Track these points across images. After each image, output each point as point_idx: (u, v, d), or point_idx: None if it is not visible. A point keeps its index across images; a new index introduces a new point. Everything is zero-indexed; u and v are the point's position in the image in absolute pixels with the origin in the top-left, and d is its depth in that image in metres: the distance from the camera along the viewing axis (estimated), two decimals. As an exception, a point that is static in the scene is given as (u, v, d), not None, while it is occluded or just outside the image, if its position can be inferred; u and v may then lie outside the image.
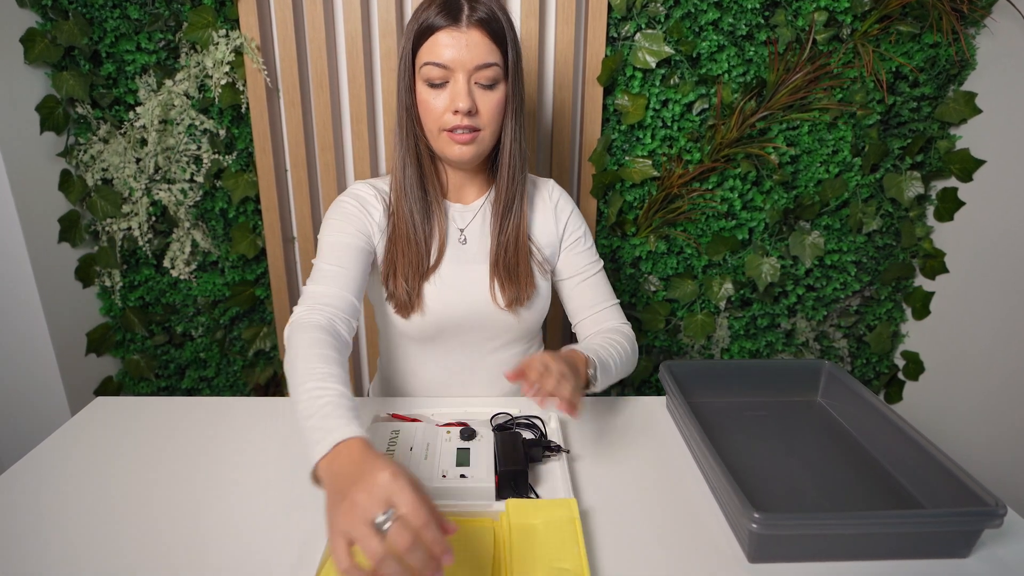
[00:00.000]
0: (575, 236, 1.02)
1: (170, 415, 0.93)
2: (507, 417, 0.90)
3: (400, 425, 0.85)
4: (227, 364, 1.61)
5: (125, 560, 0.65)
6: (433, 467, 0.75)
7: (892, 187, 1.45)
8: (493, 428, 0.85)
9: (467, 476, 0.73)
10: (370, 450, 0.58)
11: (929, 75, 1.38)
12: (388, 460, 0.55)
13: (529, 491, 0.74)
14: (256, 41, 1.31)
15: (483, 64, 0.84)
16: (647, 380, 1.62)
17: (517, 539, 0.65)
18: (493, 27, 0.84)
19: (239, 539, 0.68)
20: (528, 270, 0.96)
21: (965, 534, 0.66)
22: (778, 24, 1.32)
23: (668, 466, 0.82)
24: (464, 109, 0.84)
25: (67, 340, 1.45)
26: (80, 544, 0.67)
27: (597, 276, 1.03)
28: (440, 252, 0.95)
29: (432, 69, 0.84)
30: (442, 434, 0.82)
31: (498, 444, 0.78)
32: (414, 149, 0.92)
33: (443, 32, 0.83)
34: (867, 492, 0.77)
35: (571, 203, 1.05)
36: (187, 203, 1.44)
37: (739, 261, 1.50)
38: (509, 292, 0.94)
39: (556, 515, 0.67)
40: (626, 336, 0.99)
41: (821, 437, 0.88)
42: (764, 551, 0.65)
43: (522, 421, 0.89)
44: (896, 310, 1.59)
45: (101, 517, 0.71)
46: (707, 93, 1.37)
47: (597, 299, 1.01)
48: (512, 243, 0.95)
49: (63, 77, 1.33)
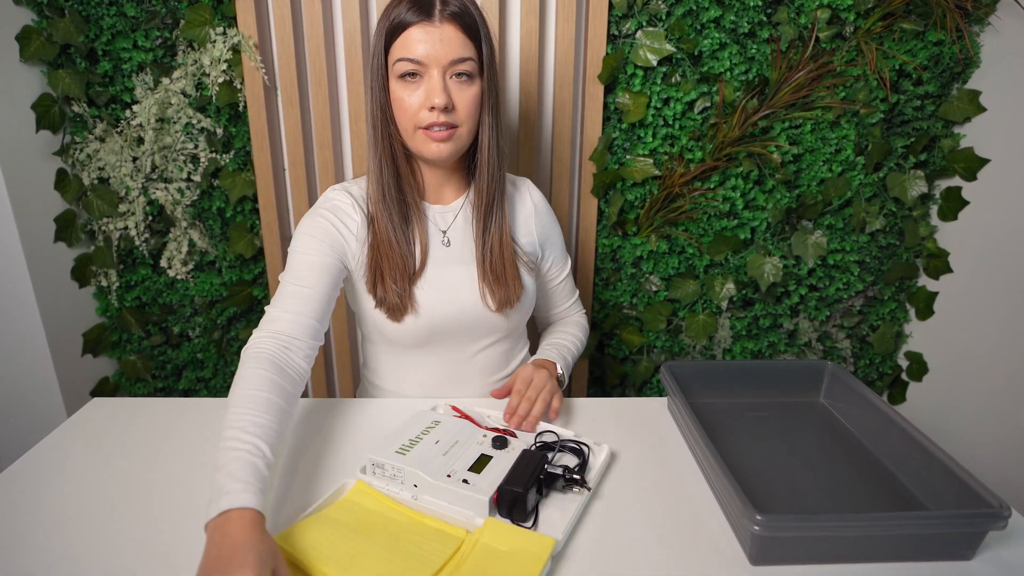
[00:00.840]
0: (552, 239, 1.08)
1: (167, 416, 0.93)
2: (554, 437, 0.84)
3: (446, 419, 0.85)
4: (224, 365, 1.61)
5: (122, 563, 0.65)
6: (445, 465, 0.74)
7: (895, 186, 1.45)
8: (533, 444, 0.81)
9: (469, 483, 0.71)
10: (252, 531, 0.57)
11: (933, 73, 1.38)
12: (255, 557, 0.54)
13: (529, 516, 0.70)
14: (254, 39, 1.31)
15: (458, 59, 0.83)
16: (648, 381, 1.62)
17: (475, 557, 0.63)
18: (466, 21, 0.84)
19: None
20: (515, 271, 0.96)
21: (969, 536, 0.66)
22: (780, 21, 1.32)
23: (669, 467, 0.82)
24: (440, 105, 0.83)
25: (63, 340, 1.45)
26: (77, 547, 0.67)
27: (568, 276, 1.13)
28: (424, 255, 0.94)
29: (406, 65, 0.83)
30: (478, 436, 0.81)
31: (518, 461, 0.74)
32: (390, 150, 0.90)
33: (416, 28, 0.82)
34: (870, 494, 0.77)
35: (545, 201, 1.08)
36: (184, 202, 1.44)
37: (741, 261, 1.50)
38: (499, 295, 0.95)
39: (526, 548, 0.64)
40: (581, 327, 1.14)
41: (824, 438, 0.88)
42: (766, 553, 0.65)
43: (570, 444, 0.82)
44: (899, 310, 1.59)
45: (98, 520, 0.71)
46: (709, 91, 1.37)
47: (565, 298, 1.15)
48: (497, 245, 0.95)
49: (59, 75, 1.33)
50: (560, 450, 0.81)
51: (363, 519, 0.68)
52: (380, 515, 0.69)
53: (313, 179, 1.46)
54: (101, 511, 0.73)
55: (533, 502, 0.71)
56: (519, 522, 0.69)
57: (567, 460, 0.81)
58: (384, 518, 0.69)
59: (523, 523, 0.69)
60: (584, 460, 0.79)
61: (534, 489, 0.71)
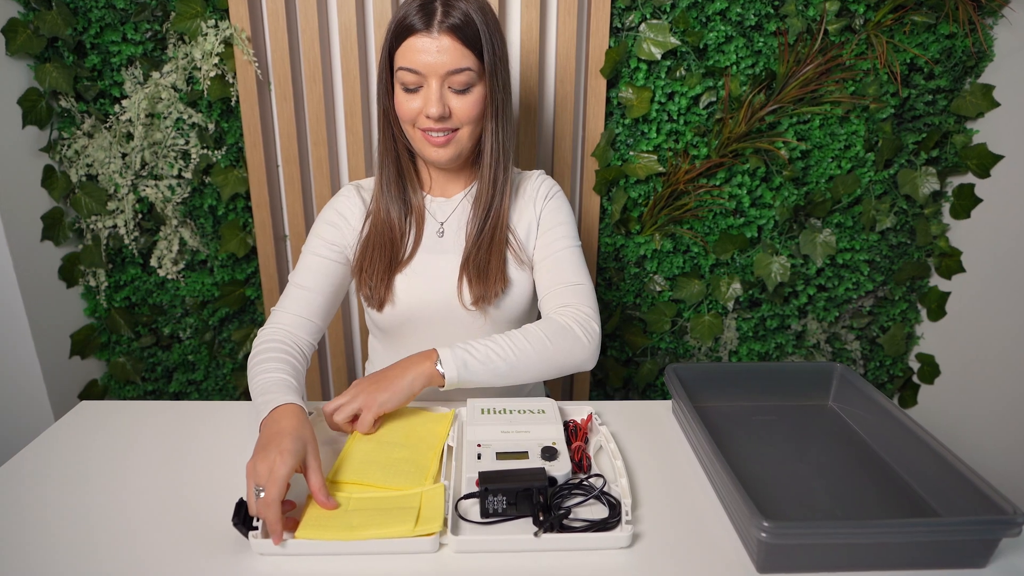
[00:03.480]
0: (550, 217, 1.01)
1: (157, 420, 0.93)
2: (581, 476, 0.78)
3: (549, 413, 0.87)
4: (216, 367, 1.61)
5: (109, 570, 0.65)
6: (504, 433, 0.82)
7: (906, 183, 1.45)
8: (564, 478, 0.76)
9: (481, 459, 0.77)
10: (294, 420, 0.75)
11: (945, 67, 1.38)
12: (289, 443, 0.70)
13: (486, 515, 0.70)
14: (246, 32, 1.31)
15: (455, 69, 0.88)
16: (652, 384, 1.62)
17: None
18: (466, 32, 0.87)
19: (229, 546, 0.68)
20: (500, 267, 0.97)
21: (982, 543, 0.65)
22: (788, 14, 1.32)
23: (674, 472, 0.82)
24: (435, 115, 0.89)
25: (50, 342, 1.45)
26: (63, 554, 0.67)
27: (562, 252, 0.98)
28: (416, 245, 1.00)
29: (405, 74, 0.89)
30: (545, 440, 0.81)
31: (521, 486, 0.71)
32: (392, 148, 0.98)
33: (416, 37, 0.87)
34: (880, 500, 0.77)
35: (555, 188, 1.04)
36: (175, 200, 1.44)
37: (748, 260, 1.50)
38: (476, 290, 0.96)
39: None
40: (548, 319, 0.92)
41: (833, 443, 0.88)
42: (773, 561, 0.65)
43: (594, 486, 0.76)
44: (911, 311, 1.59)
45: (85, 526, 0.71)
46: (714, 86, 1.37)
47: (560, 278, 0.96)
48: (487, 241, 0.98)
49: (46, 69, 1.33)
50: (584, 487, 0.76)
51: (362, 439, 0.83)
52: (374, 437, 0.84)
53: (307, 176, 1.46)
54: (88, 518, 0.73)
55: (495, 507, 0.71)
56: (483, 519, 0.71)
57: (587, 513, 0.73)
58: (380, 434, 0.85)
59: (483, 519, 0.71)
60: (607, 502, 0.73)
61: (503, 499, 0.70)
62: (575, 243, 1.00)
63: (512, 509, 0.71)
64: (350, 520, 0.69)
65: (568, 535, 0.68)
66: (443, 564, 0.66)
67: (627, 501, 0.72)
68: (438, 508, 0.70)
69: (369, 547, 0.67)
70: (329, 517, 0.69)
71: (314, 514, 0.70)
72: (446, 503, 0.71)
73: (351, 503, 0.72)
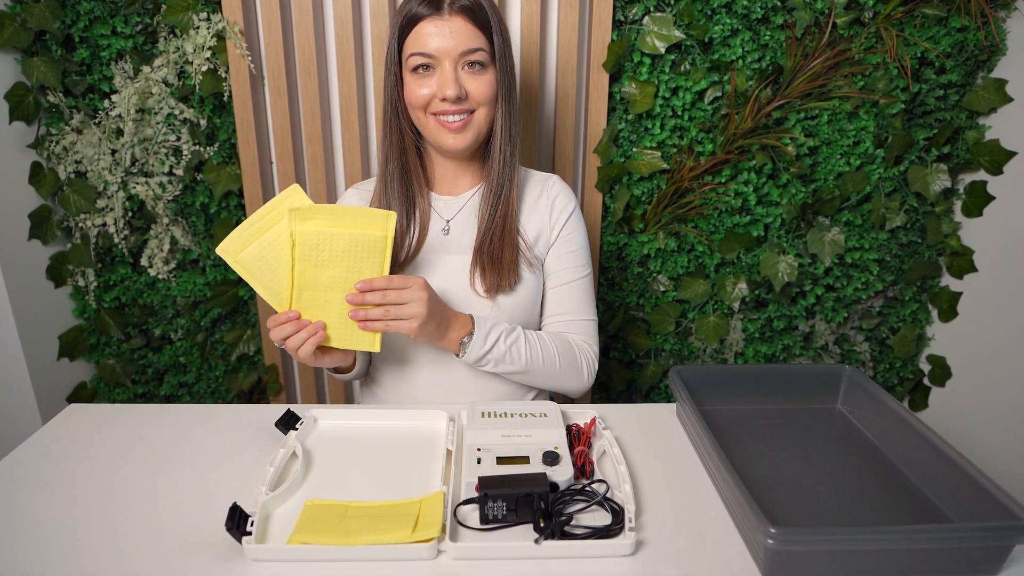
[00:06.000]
0: (568, 240, 1.04)
1: (147, 423, 0.93)
2: (585, 483, 0.78)
3: (546, 430, 0.84)
4: (208, 369, 1.61)
5: (98, 574, 0.65)
6: (504, 434, 0.82)
7: (917, 180, 1.45)
8: (566, 484, 0.75)
9: (481, 463, 0.76)
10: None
11: (956, 61, 1.38)
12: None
13: (485, 520, 0.70)
14: (239, 25, 1.31)
15: (469, 49, 0.90)
16: (656, 386, 1.62)
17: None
18: (476, 13, 0.90)
19: (222, 552, 0.68)
20: (513, 259, 0.99)
21: (995, 550, 0.65)
22: (795, 7, 1.32)
23: (678, 477, 0.82)
24: (452, 96, 0.90)
25: (38, 343, 1.44)
26: (51, 562, 0.67)
27: (577, 284, 1.04)
28: (419, 244, 1.00)
29: (418, 59, 0.90)
30: (547, 445, 0.80)
31: (521, 491, 0.70)
32: (398, 144, 0.99)
33: (426, 22, 0.89)
34: (890, 505, 0.77)
35: (573, 203, 1.06)
36: (166, 197, 1.44)
37: (754, 259, 1.50)
38: (490, 278, 0.97)
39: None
40: (567, 343, 1.01)
41: (841, 447, 0.88)
42: (780, 568, 0.65)
43: (597, 492, 0.75)
44: (921, 311, 1.59)
45: (73, 533, 0.71)
46: (720, 80, 1.37)
47: (570, 308, 1.04)
48: (499, 230, 0.99)
49: (33, 63, 1.33)
50: (585, 494, 0.75)
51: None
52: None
53: (302, 173, 1.46)
54: (77, 525, 0.73)
55: (495, 513, 0.70)
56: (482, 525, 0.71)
57: (589, 519, 0.73)
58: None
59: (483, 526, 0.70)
60: (611, 509, 0.73)
61: (503, 505, 0.70)
62: (588, 271, 1.06)
63: (512, 515, 0.71)
64: (347, 526, 0.69)
65: (570, 542, 0.68)
66: (441, 571, 0.66)
67: (630, 507, 0.72)
68: (436, 514, 0.70)
69: (365, 554, 0.67)
70: (325, 523, 0.70)
71: (310, 518, 0.70)
72: (445, 509, 0.71)
73: (349, 510, 0.72)
